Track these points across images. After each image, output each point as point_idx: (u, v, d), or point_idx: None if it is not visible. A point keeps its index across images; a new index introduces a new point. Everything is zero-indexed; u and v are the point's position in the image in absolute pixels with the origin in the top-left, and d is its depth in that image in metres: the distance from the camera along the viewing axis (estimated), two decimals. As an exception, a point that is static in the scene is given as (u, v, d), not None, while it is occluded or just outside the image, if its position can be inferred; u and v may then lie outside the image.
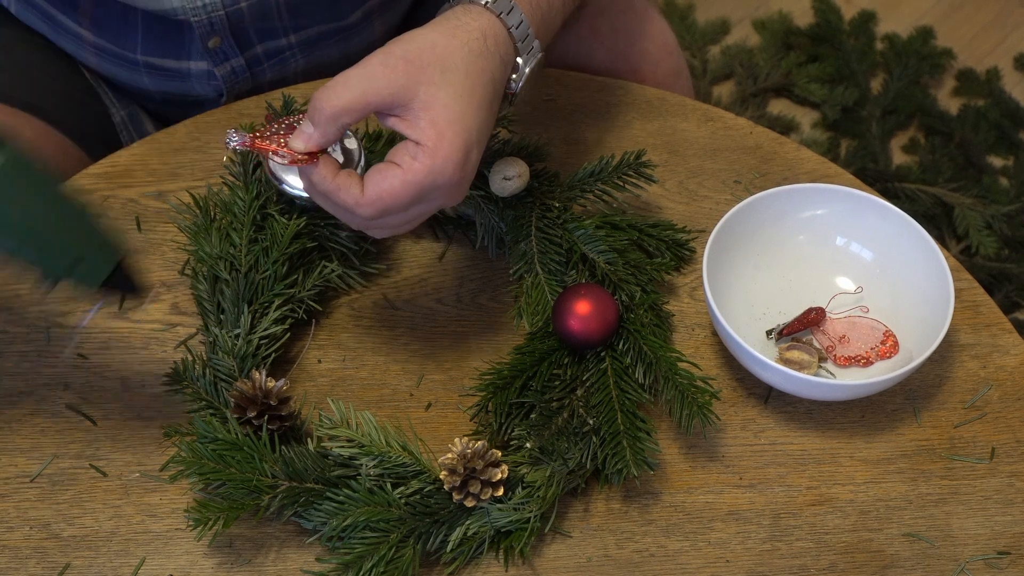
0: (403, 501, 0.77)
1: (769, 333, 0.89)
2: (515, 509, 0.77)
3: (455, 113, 0.74)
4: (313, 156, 0.74)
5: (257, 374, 0.79)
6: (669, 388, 0.81)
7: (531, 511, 0.77)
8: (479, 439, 0.78)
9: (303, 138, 0.74)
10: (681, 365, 0.82)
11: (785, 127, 1.90)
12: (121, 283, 0.74)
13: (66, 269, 0.70)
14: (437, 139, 0.73)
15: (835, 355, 0.87)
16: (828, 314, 0.89)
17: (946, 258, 0.87)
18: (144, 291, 0.76)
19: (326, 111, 0.73)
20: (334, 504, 0.76)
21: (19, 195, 0.67)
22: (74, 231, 0.70)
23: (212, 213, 0.88)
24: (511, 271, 0.90)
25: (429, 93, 0.73)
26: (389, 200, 0.74)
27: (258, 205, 0.87)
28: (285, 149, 0.75)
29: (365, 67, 0.73)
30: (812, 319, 0.89)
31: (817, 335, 0.88)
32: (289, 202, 0.87)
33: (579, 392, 0.82)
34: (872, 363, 0.87)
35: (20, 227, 0.68)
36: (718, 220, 0.87)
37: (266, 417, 0.78)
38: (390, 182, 0.74)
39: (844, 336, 0.88)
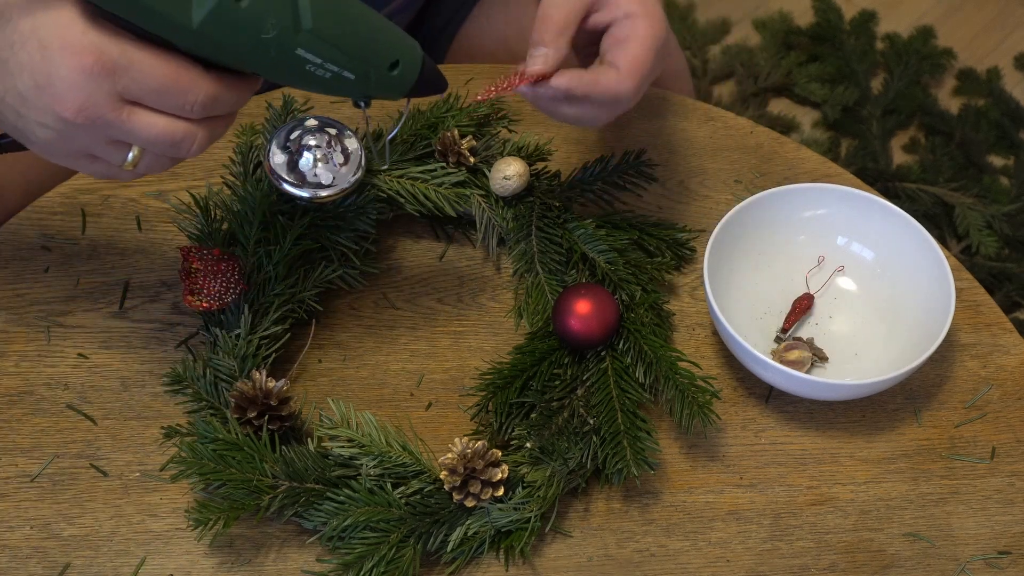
0: (403, 501, 0.77)
1: (779, 340, 0.89)
2: (515, 509, 0.77)
3: None
4: (548, 77, 0.77)
5: (257, 374, 0.79)
6: (669, 388, 0.81)
7: (531, 511, 0.77)
8: (479, 439, 0.78)
9: (541, 60, 0.77)
10: (682, 365, 0.82)
11: (785, 127, 1.90)
12: (425, 83, 0.74)
13: (384, 78, 0.71)
14: (641, 2, 0.79)
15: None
16: None
17: (947, 257, 0.87)
18: (446, 85, 0.76)
19: (554, 27, 0.77)
20: (334, 504, 0.76)
21: (339, 6, 0.67)
22: (386, 36, 0.71)
23: (213, 213, 0.88)
24: (511, 271, 0.91)
25: None
26: (642, 61, 0.78)
27: (267, 203, 0.87)
28: (525, 80, 0.77)
29: None
30: (805, 305, 0.89)
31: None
32: (290, 202, 0.87)
33: (579, 392, 0.82)
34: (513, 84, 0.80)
35: (348, 38, 0.68)
36: (719, 220, 0.87)
37: (266, 417, 0.78)
38: (633, 50, 0.78)
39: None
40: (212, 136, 0.69)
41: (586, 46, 0.82)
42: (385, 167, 0.88)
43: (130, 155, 0.68)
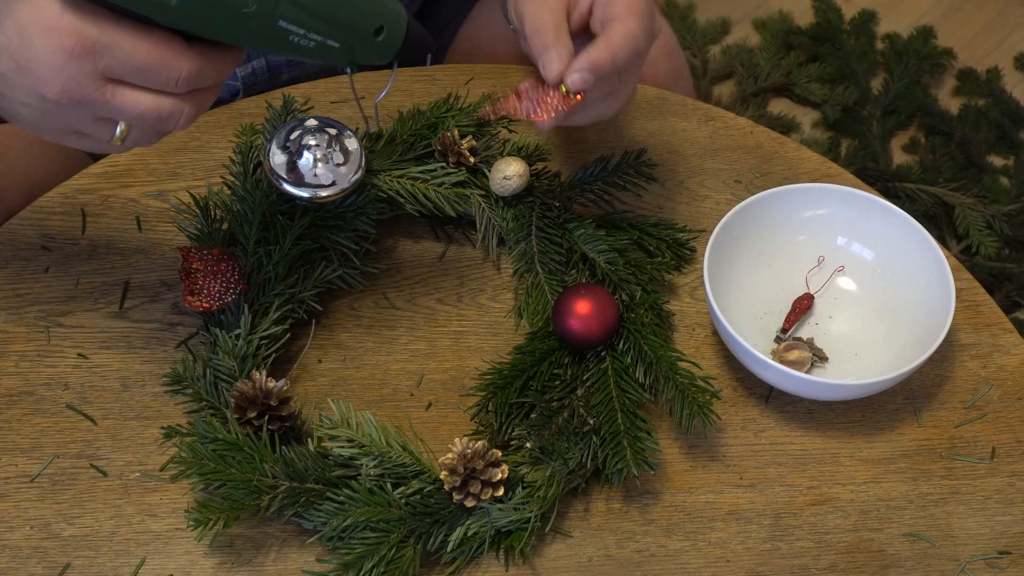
0: (403, 501, 0.77)
1: (779, 340, 0.89)
2: (515, 509, 0.77)
3: None
4: (580, 93, 0.79)
5: (257, 374, 0.79)
6: (669, 388, 0.81)
7: (531, 511, 0.77)
8: (479, 439, 0.78)
9: (556, 58, 0.78)
10: (682, 365, 0.82)
11: (785, 127, 1.90)
12: (411, 46, 0.74)
13: (369, 44, 0.71)
14: None
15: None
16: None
17: (947, 257, 0.87)
18: (433, 46, 0.76)
19: (551, 30, 0.79)
20: (334, 504, 0.76)
21: None
22: (369, 3, 0.70)
23: (213, 213, 0.88)
24: (511, 271, 0.91)
25: None
26: (635, 2, 0.79)
27: (267, 203, 0.87)
28: (550, 89, 0.79)
29: (529, 3, 0.80)
30: (805, 305, 0.89)
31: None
32: (290, 202, 0.87)
33: (579, 392, 0.82)
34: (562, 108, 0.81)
35: (330, 7, 0.68)
36: (719, 220, 0.87)
37: (266, 417, 0.78)
38: (620, 1, 0.80)
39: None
40: (199, 109, 0.69)
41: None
42: (376, 129, 0.87)
43: (117, 130, 0.68)
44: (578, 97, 0.78)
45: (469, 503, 0.76)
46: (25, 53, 0.63)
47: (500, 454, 0.78)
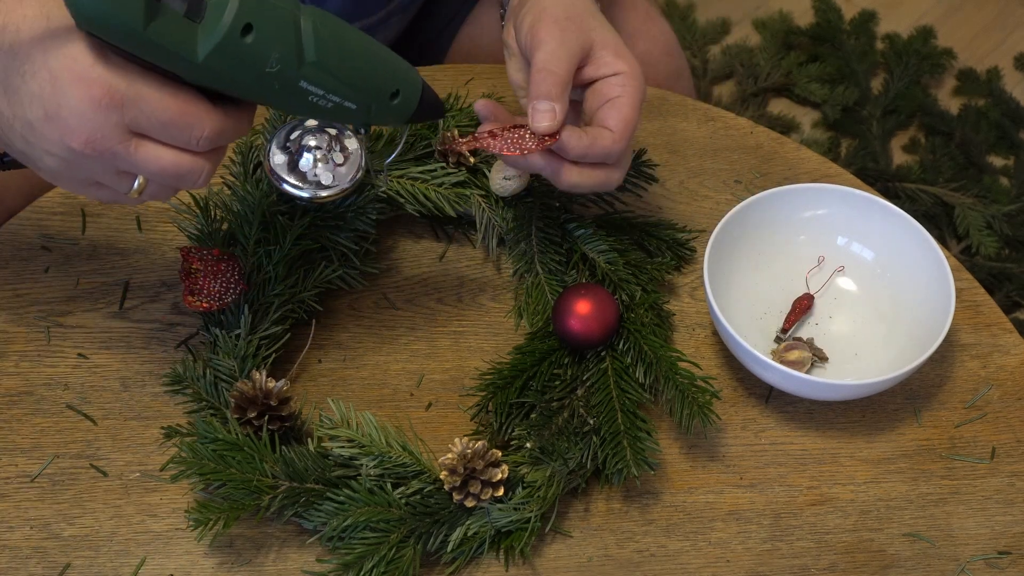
0: (403, 501, 0.77)
1: (779, 340, 0.89)
2: (515, 509, 0.77)
3: (619, 38, 0.82)
4: (556, 134, 0.78)
5: (257, 374, 0.79)
6: (669, 388, 0.81)
7: (531, 511, 0.77)
8: (479, 439, 0.78)
9: (550, 115, 0.77)
10: (682, 365, 0.82)
11: (785, 127, 1.90)
12: (424, 110, 0.75)
13: (385, 107, 0.72)
14: (629, 61, 0.81)
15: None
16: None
17: (947, 258, 0.87)
18: (444, 112, 0.78)
19: (560, 82, 0.78)
20: (334, 504, 0.76)
21: (341, 40, 0.69)
22: (387, 67, 0.72)
23: (213, 213, 0.88)
24: (511, 271, 0.91)
25: (598, 35, 0.81)
26: (633, 121, 0.80)
27: (267, 203, 0.87)
28: (532, 137, 0.79)
29: (552, 36, 0.79)
30: (805, 305, 0.89)
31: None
32: (290, 202, 0.87)
33: (579, 392, 0.82)
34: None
35: (350, 70, 0.69)
36: (719, 220, 0.87)
37: (266, 417, 0.78)
38: (624, 110, 0.79)
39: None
40: (215, 167, 0.71)
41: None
42: (384, 188, 0.89)
43: (135, 184, 0.69)
44: (549, 140, 0.78)
45: (469, 503, 0.76)
46: (56, 101, 0.65)
47: (500, 454, 0.78)
